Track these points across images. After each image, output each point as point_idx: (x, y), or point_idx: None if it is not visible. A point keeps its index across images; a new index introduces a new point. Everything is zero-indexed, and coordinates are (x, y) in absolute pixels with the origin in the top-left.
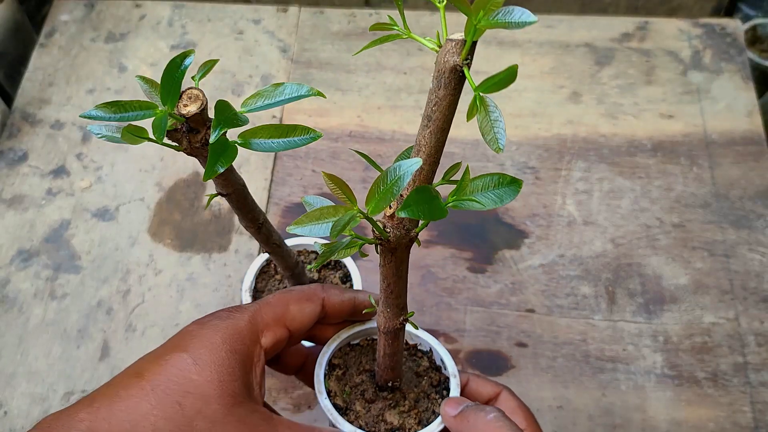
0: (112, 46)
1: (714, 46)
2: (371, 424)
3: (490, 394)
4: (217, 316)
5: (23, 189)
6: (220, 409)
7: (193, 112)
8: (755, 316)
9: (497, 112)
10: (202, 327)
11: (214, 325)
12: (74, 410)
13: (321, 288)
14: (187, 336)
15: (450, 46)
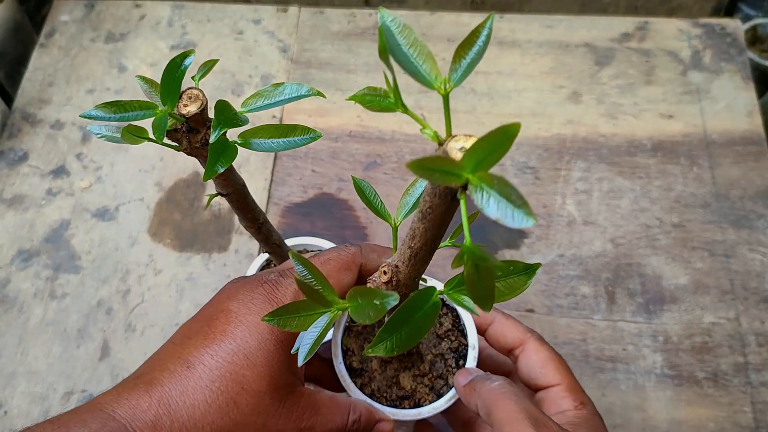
0: (112, 46)
1: (714, 46)
2: (383, 388)
3: (515, 341)
4: (258, 293)
5: (23, 189)
6: (272, 404)
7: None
8: (756, 316)
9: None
10: (248, 310)
11: (259, 309)
12: (133, 396)
13: (359, 252)
14: (232, 320)
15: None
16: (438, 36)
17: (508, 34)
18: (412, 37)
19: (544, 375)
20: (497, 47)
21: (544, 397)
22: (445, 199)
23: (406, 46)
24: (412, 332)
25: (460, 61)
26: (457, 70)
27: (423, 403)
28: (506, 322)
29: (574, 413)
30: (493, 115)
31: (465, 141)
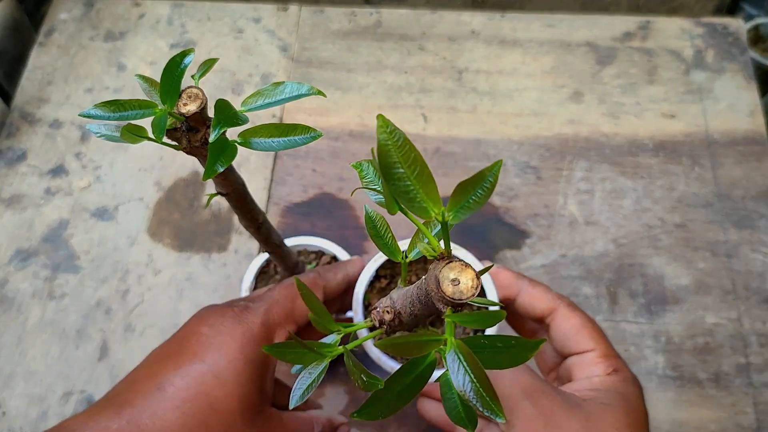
0: (111, 45)
1: (716, 45)
2: None
3: (544, 310)
4: (228, 316)
5: (22, 188)
6: (243, 423)
7: (192, 111)
8: (758, 316)
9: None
10: (218, 332)
11: (229, 330)
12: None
13: (319, 275)
14: (204, 342)
15: (436, 288)
16: (439, 35)
17: (510, 33)
18: (412, 155)
19: (577, 342)
20: (498, 46)
21: (576, 362)
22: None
23: (404, 165)
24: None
25: (461, 200)
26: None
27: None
28: (533, 291)
29: (602, 379)
30: (494, 114)
31: (459, 272)
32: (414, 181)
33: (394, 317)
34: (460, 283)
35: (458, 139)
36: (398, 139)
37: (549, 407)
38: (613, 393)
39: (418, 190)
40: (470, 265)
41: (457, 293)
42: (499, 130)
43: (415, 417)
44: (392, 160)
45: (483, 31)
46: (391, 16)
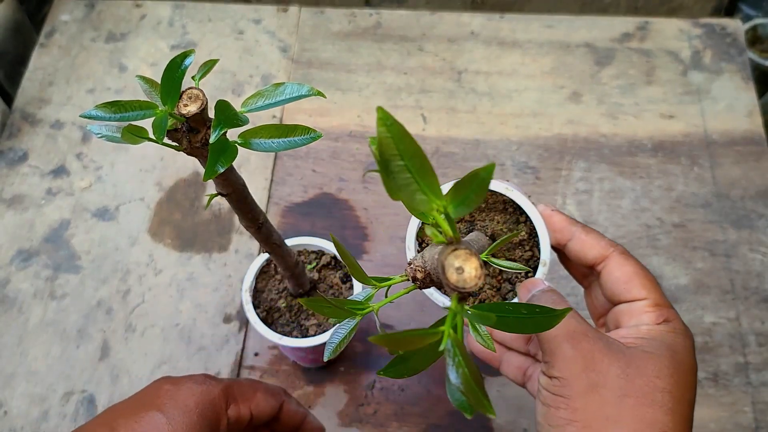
0: (113, 46)
1: (714, 46)
2: None
3: (596, 257)
4: (193, 379)
5: (23, 189)
6: None
7: (193, 112)
8: (756, 316)
9: None
10: (178, 388)
11: (190, 387)
12: None
13: (285, 392)
14: (162, 395)
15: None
16: (438, 36)
17: (509, 34)
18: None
19: (628, 290)
20: (498, 47)
21: (624, 310)
22: None
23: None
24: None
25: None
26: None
27: (487, 302)
28: (586, 238)
29: (649, 328)
30: (493, 115)
31: (464, 261)
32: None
33: (426, 276)
34: (464, 272)
35: (457, 139)
36: (398, 132)
37: (589, 350)
38: (658, 342)
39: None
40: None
41: (461, 282)
42: (499, 131)
43: (415, 416)
44: (392, 152)
45: (482, 32)
46: (391, 17)
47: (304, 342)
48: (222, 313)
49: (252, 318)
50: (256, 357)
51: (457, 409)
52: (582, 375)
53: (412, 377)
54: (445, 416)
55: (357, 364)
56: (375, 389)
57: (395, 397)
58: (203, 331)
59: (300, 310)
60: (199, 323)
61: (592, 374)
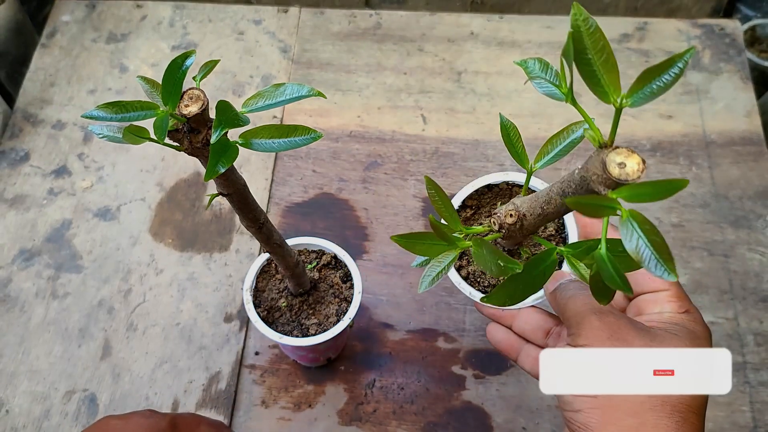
0: (114, 47)
1: (713, 46)
2: (478, 273)
3: None
4: (139, 414)
5: (25, 189)
6: None
7: (194, 112)
8: (754, 315)
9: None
10: (126, 423)
11: (137, 421)
12: None
13: (225, 426)
14: (113, 428)
15: (601, 172)
16: (438, 36)
17: (508, 35)
18: (600, 43)
19: (652, 280)
20: (497, 47)
21: (648, 298)
22: (589, 193)
23: (592, 51)
24: (526, 288)
25: (644, 85)
26: (639, 93)
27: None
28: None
29: (672, 315)
30: (493, 115)
31: (626, 156)
32: (600, 66)
33: (517, 220)
34: (626, 166)
35: (457, 139)
36: (590, 27)
37: (615, 323)
38: (681, 327)
39: (603, 76)
40: (636, 151)
41: (623, 175)
42: (498, 131)
43: (414, 414)
44: (584, 45)
45: (482, 33)
46: (391, 17)
47: (304, 341)
48: (223, 312)
49: (253, 317)
50: (256, 356)
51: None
52: (608, 343)
53: (411, 377)
54: (443, 414)
55: (357, 363)
56: (374, 388)
57: (394, 395)
58: (204, 330)
59: (300, 310)
60: (199, 322)
61: (617, 342)
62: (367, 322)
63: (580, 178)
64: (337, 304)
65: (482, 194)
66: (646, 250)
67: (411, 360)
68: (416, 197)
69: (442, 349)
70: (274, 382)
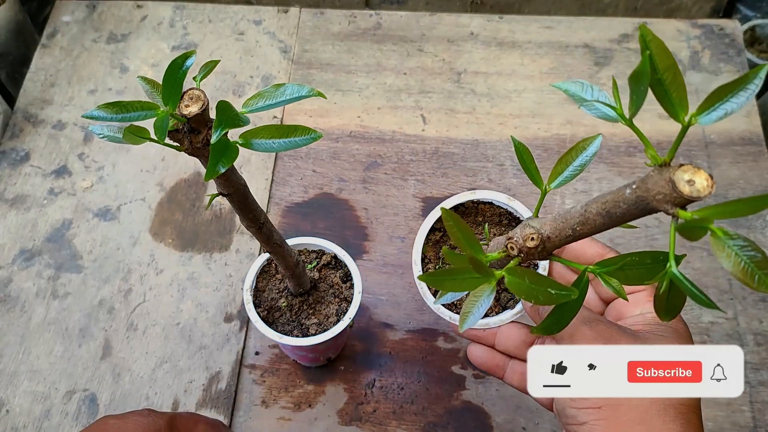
0: (114, 47)
1: (713, 46)
2: None
3: (594, 256)
4: (137, 413)
5: (25, 189)
6: None
7: (194, 112)
8: (754, 315)
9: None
10: (125, 422)
11: (136, 421)
12: None
13: (223, 425)
14: (111, 427)
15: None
16: (438, 37)
17: (508, 35)
18: (668, 62)
19: None
20: (497, 48)
21: (629, 300)
22: (645, 212)
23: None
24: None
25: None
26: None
27: (490, 314)
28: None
29: (654, 315)
30: (492, 115)
31: (693, 173)
32: (668, 85)
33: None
34: (695, 183)
35: (457, 140)
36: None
37: (608, 332)
38: (666, 327)
39: (672, 94)
40: (701, 168)
41: (694, 192)
42: (498, 131)
43: (413, 414)
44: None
45: (481, 33)
46: (391, 18)
47: (304, 341)
48: (223, 312)
49: (253, 317)
50: (256, 356)
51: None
52: None
53: (411, 376)
54: (443, 415)
55: (357, 363)
56: (374, 388)
57: (394, 395)
58: (204, 330)
59: (300, 310)
60: (200, 322)
61: None
62: (367, 322)
63: (636, 198)
64: (337, 304)
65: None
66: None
67: (411, 360)
68: (416, 197)
69: (442, 349)
70: (274, 382)
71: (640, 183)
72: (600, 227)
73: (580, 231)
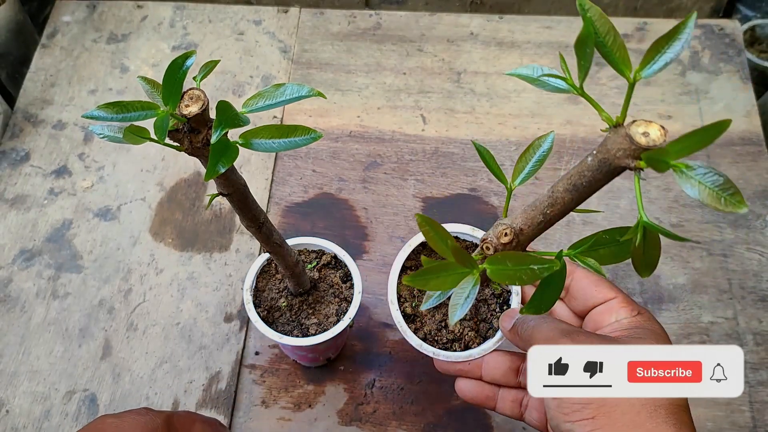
0: (114, 47)
1: (713, 46)
2: (434, 332)
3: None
4: (134, 412)
5: (25, 189)
6: None
7: (194, 112)
8: (753, 315)
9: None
10: (122, 421)
11: (134, 419)
12: None
13: (219, 423)
14: (107, 428)
15: (627, 145)
16: (437, 37)
17: (507, 35)
18: (607, 26)
19: (599, 291)
20: (496, 48)
21: (602, 310)
22: (610, 175)
23: (602, 36)
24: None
25: (655, 56)
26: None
27: (471, 345)
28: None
29: (630, 320)
30: (492, 115)
31: (647, 126)
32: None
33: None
34: (650, 134)
35: (456, 140)
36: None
37: (587, 340)
38: (643, 330)
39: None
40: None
41: (650, 141)
42: (497, 131)
43: (413, 415)
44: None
45: (481, 33)
46: (390, 18)
47: (304, 341)
48: (223, 312)
49: (253, 317)
50: (256, 356)
51: None
52: None
53: (411, 377)
54: (443, 415)
55: (356, 363)
56: (374, 388)
57: (394, 396)
58: (204, 330)
59: (300, 310)
60: (200, 322)
61: None
62: (367, 322)
63: (599, 162)
64: (337, 304)
65: (418, 252)
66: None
67: (411, 360)
68: (416, 197)
69: None
70: (274, 382)
71: (600, 147)
72: (569, 204)
73: (550, 214)
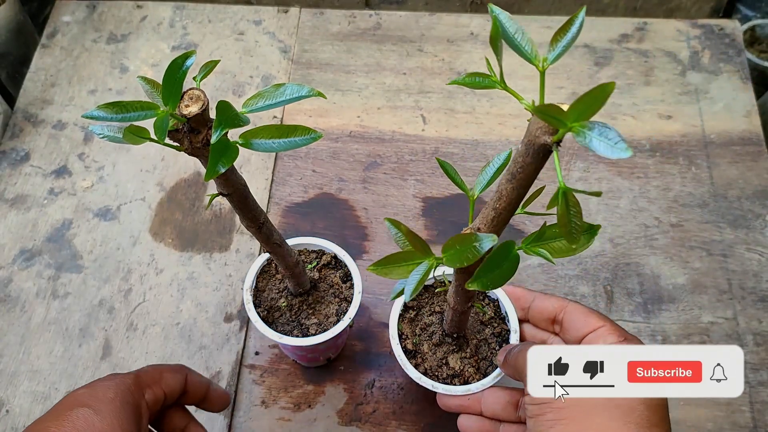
0: (114, 47)
1: (712, 46)
2: (434, 368)
3: (556, 308)
4: (104, 378)
5: (25, 189)
6: None
7: (194, 112)
8: (753, 315)
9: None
10: (93, 387)
11: (104, 384)
12: None
13: (185, 367)
14: (81, 395)
15: (543, 125)
16: (437, 37)
17: None
18: (516, 26)
19: (588, 321)
20: None
21: (591, 338)
22: (537, 157)
23: (512, 32)
24: (501, 276)
25: (555, 44)
26: (554, 51)
27: (471, 381)
28: (545, 296)
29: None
30: (492, 115)
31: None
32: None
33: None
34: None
35: (456, 140)
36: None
37: None
38: None
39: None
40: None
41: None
42: (497, 131)
43: (413, 415)
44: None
45: (481, 33)
46: (390, 18)
47: (304, 341)
48: (223, 312)
49: (253, 317)
50: (256, 356)
51: None
52: None
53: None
54: (443, 415)
55: (356, 363)
56: (374, 388)
57: (394, 395)
58: (204, 330)
59: (300, 310)
60: (199, 322)
61: None
62: (367, 322)
63: (525, 146)
64: (337, 304)
65: (420, 295)
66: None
67: None
68: (416, 197)
69: None
70: (274, 382)
71: (525, 133)
72: (512, 194)
73: (500, 208)
